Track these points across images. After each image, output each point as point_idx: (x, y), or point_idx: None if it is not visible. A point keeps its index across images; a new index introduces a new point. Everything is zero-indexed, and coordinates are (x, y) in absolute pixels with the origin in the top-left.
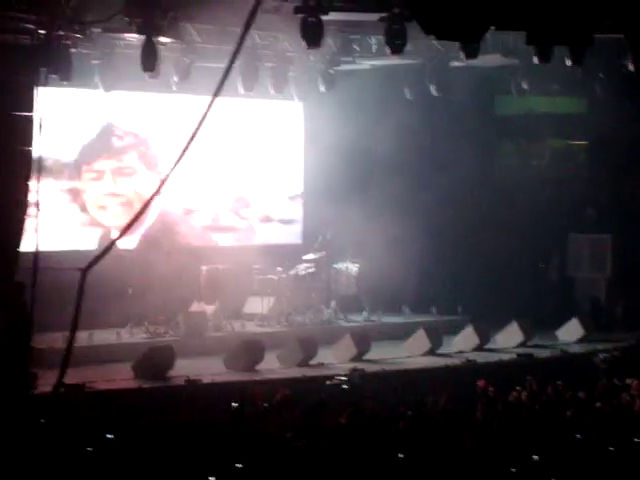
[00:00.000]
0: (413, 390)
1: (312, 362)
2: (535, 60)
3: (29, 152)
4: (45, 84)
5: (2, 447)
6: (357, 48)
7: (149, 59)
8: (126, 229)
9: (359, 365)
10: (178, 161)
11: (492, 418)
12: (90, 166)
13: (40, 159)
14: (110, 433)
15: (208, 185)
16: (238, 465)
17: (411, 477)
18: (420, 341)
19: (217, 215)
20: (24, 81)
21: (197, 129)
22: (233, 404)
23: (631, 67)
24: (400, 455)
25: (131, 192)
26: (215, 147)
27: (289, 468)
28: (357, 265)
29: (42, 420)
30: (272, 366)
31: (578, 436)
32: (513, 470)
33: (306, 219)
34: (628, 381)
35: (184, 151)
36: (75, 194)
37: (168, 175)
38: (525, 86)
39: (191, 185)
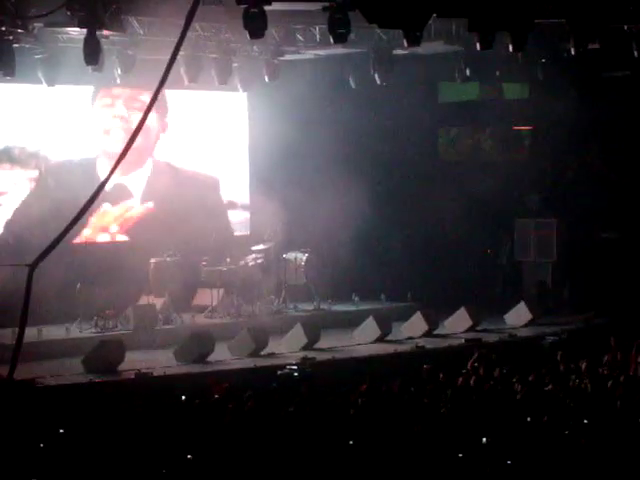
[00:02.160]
0: (363, 377)
1: (263, 352)
2: (477, 47)
3: None
4: None
5: None
6: (301, 38)
7: (92, 52)
8: (72, 224)
9: (310, 354)
10: (124, 152)
11: (441, 403)
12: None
13: None
14: (61, 428)
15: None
16: (189, 457)
17: (362, 464)
18: (370, 328)
19: None
20: None
21: (143, 120)
22: (183, 397)
23: (572, 51)
24: (350, 442)
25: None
26: (161, 139)
27: (240, 458)
28: (306, 255)
29: None
30: (223, 357)
31: (529, 419)
32: (460, 455)
33: (253, 210)
34: (580, 364)
35: (130, 142)
36: None
37: (114, 168)
38: (468, 73)
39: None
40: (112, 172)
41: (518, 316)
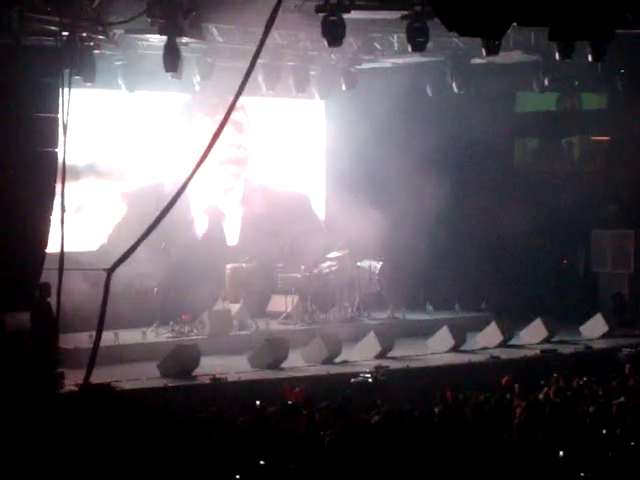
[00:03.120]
0: (437, 386)
1: (336, 360)
2: (557, 56)
3: (54, 154)
4: (69, 85)
5: (30, 446)
6: (378, 46)
7: (172, 60)
8: (151, 229)
9: (383, 362)
10: (203, 159)
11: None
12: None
13: (65, 161)
14: (136, 432)
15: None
16: (262, 462)
17: (443, 474)
18: (444, 338)
19: None
20: (48, 83)
21: (221, 127)
22: (257, 402)
23: None
24: (432, 454)
25: None
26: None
27: (317, 466)
28: (380, 263)
29: (69, 419)
30: (297, 364)
31: (604, 431)
32: (540, 467)
33: (329, 218)
34: None
35: (208, 149)
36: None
37: (194, 172)
38: (546, 82)
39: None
40: (189, 179)
41: (594, 328)
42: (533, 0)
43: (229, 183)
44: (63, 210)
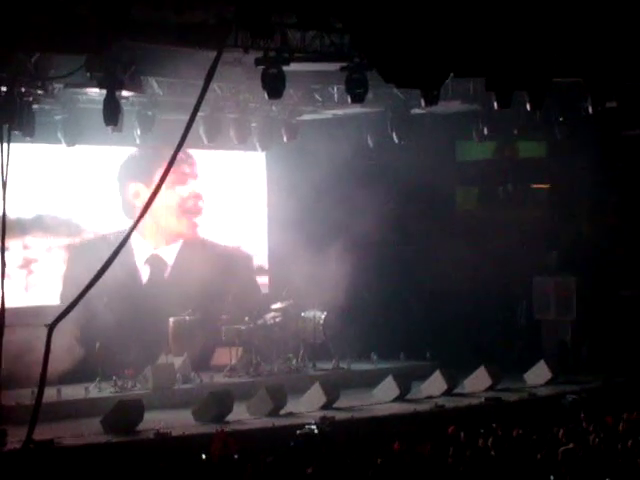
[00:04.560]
0: (383, 437)
1: (282, 411)
2: (495, 106)
3: None
4: (8, 140)
5: None
6: (319, 98)
7: (111, 113)
8: (92, 284)
9: (329, 413)
10: (145, 211)
11: (462, 463)
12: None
13: (4, 218)
14: None
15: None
16: None
17: None
18: (389, 387)
19: None
20: None
21: (163, 178)
22: (203, 455)
23: (590, 110)
24: None
25: None
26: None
27: None
28: (325, 313)
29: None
30: (242, 417)
31: (552, 478)
32: None
33: (272, 268)
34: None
35: (151, 200)
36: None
37: (135, 224)
38: (486, 131)
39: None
40: (129, 235)
41: (538, 375)
42: (470, 51)
43: (181, 232)
44: (3, 265)
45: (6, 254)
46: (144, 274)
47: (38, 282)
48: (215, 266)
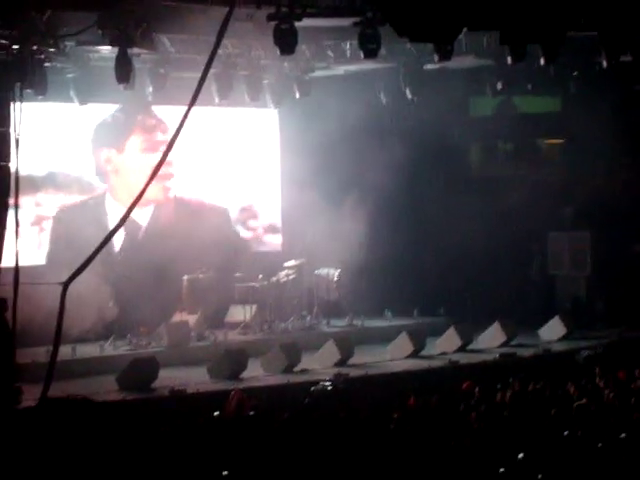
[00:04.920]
0: (397, 393)
1: (296, 369)
2: (509, 60)
3: (7, 168)
4: (20, 99)
5: None
6: (331, 54)
7: (123, 71)
8: (105, 242)
9: (343, 370)
10: (157, 170)
11: (477, 419)
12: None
13: (17, 175)
14: (95, 445)
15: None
16: (224, 473)
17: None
18: (403, 344)
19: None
20: None
21: (174, 138)
22: (216, 413)
23: (604, 64)
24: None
25: None
26: (194, 157)
27: (275, 476)
28: (338, 270)
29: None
30: (256, 374)
31: (565, 433)
32: (501, 470)
33: (285, 226)
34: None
35: (162, 160)
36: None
37: (147, 184)
38: (499, 86)
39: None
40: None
41: (552, 330)
42: (483, 4)
43: (152, 197)
44: (17, 224)
45: (19, 211)
46: (118, 238)
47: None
48: (188, 224)
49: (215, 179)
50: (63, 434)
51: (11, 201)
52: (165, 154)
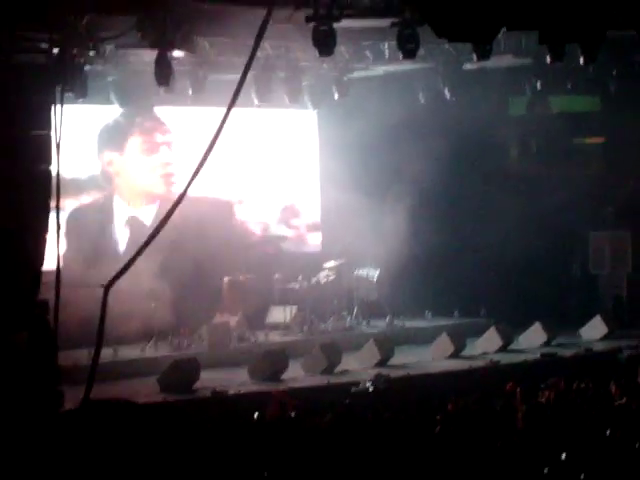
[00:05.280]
0: (439, 393)
1: (336, 369)
2: (548, 59)
3: (48, 171)
4: (61, 102)
5: (33, 464)
6: (369, 54)
7: (163, 73)
8: (147, 244)
9: (384, 371)
10: (197, 172)
11: (521, 419)
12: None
13: (59, 178)
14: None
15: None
16: (265, 474)
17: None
18: (444, 344)
19: (267, 226)
20: (40, 100)
21: (215, 140)
22: (255, 414)
23: None
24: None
25: None
26: (234, 158)
27: (319, 475)
28: (378, 271)
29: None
30: (297, 374)
31: (607, 433)
32: (545, 470)
33: (325, 227)
34: None
35: (202, 162)
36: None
37: (189, 185)
38: (539, 86)
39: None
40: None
41: (594, 330)
42: (522, 4)
43: (157, 193)
44: (58, 227)
45: (62, 213)
46: (124, 236)
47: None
48: (191, 219)
49: (255, 180)
50: (105, 437)
51: (53, 204)
52: (206, 154)
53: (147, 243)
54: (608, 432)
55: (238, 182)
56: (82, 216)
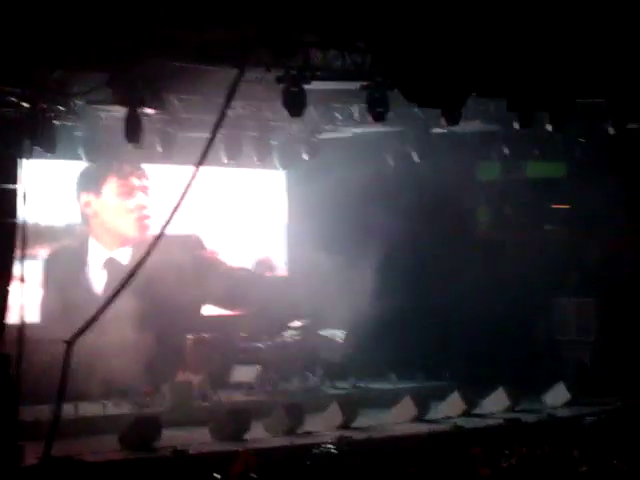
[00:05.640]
0: (401, 457)
1: (299, 430)
2: (516, 126)
3: (13, 224)
4: (29, 156)
5: None
6: (339, 116)
7: (133, 130)
8: (113, 298)
9: (346, 433)
10: (164, 227)
11: None
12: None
13: (24, 230)
14: None
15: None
16: None
17: None
18: (407, 407)
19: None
20: (8, 153)
21: (182, 198)
22: (215, 475)
23: (611, 131)
24: None
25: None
26: (202, 215)
27: None
28: (343, 332)
29: None
30: (259, 435)
31: None
32: None
33: (291, 287)
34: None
35: (169, 220)
36: None
37: (156, 241)
38: (506, 151)
39: None
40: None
41: (557, 396)
42: (491, 71)
43: (132, 236)
44: (23, 279)
45: (33, 262)
46: (101, 279)
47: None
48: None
49: (225, 237)
50: None
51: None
52: (174, 210)
53: (111, 299)
54: None
55: (208, 238)
56: (57, 261)
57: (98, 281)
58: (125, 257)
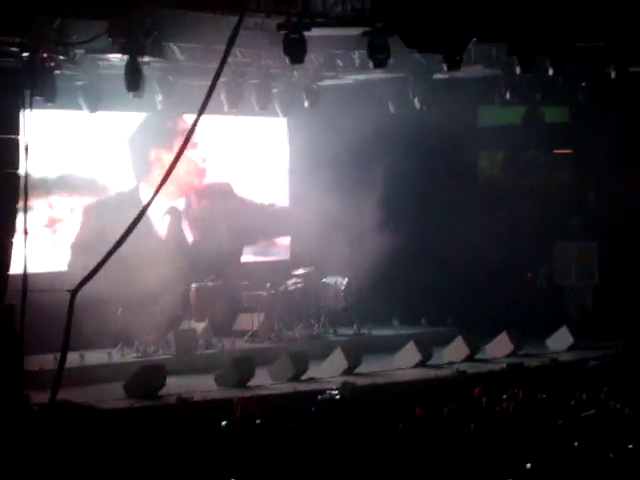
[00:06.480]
0: (404, 402)
1: (303, 377)
2: (517, 70)
3: (16, 175)
4: (30, 106)
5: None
6: (340, 63)
7: (133, 79)
8: (115, 248)
9: (350, 379)
10: (165, 179)
11: (484, 428)
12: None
13: (27, 181)
14: (102, 453)
15: None
16: None
17: None
18: (410, 353)
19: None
20: (9, 104)
21: (183, 146)
22: (223, 422)
23: (613, 74)
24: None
25: None
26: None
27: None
28: (346, 279)
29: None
30: (263, 382)
31: (575, 444)
32: None
33: (293, 234)
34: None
35: (171, 167)
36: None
37: (156, 192)
38: (508, 96)
39: None
40: (151, 200)
41: (560, 340)
42: (492, 16)
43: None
44: (26, 232)
45: (31, 213)
46: (163, 227)
47: (63, 242)
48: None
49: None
50: (69, 437)
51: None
52: (176, 158)
53: (114, 250)
54: (576, 443)
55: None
56: (102, 208)
57: (161, 226)
58: (181, 206)
